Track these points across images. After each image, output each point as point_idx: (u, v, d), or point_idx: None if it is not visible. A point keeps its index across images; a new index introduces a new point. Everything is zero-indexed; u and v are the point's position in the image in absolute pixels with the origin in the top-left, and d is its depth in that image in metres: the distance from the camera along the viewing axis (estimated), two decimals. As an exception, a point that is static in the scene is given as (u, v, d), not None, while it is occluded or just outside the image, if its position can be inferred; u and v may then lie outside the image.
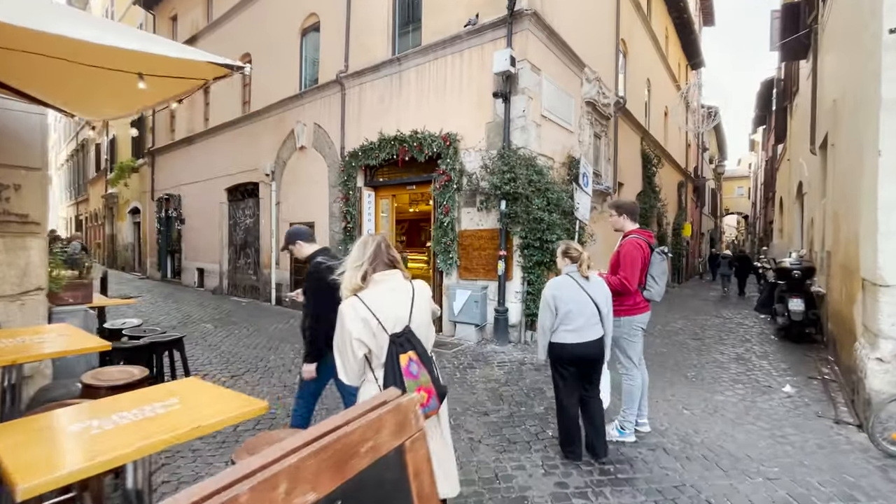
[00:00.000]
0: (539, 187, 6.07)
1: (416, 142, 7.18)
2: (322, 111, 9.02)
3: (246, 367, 5.47)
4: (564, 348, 3.02)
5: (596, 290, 3.08)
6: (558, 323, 3.02)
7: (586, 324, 3.00)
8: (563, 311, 3.01)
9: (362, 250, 1.90)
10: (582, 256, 3.11)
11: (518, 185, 5.82)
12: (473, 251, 6.71)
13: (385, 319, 1.79)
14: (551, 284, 3.15)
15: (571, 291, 3.05)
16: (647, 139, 12.43)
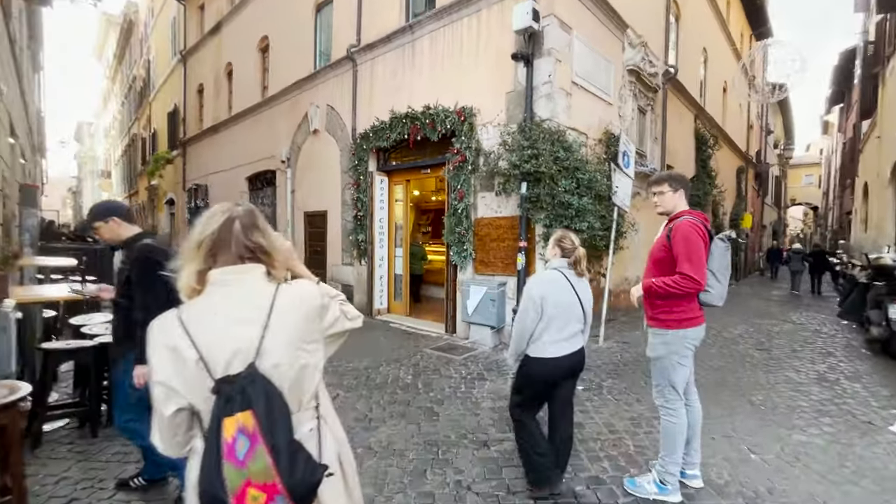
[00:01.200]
0: (566, 166, 5.10)
1: (428, 118, 6.37)
2: (334, 91, 8.39)
3: (230, 369, 4.92)
4: (550, 364, 2.46)
5: (586, 293, 2.57)
6: (541, 330, 2.45)
7: (574, 332, 2.50)
8: (550, 313, 2.43)
9: (202, 228, 1.14)
10: (577, 252, 2.56)
11: (541, 162, 4.89)
12: (491, 242, 5.84)
13: (211, 352, 1.02)
14: (539, 280, 2.56)
15: (561, 291, 2.48)
16: (701, 117, 10.94)
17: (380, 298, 7.69)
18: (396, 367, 4.96)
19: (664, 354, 2.51)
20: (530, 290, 2.50)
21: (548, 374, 2.48)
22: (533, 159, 4.91)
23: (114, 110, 38.19)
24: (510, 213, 5.63)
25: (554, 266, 2.54)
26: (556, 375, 2.49)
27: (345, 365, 5.06)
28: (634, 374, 4.81)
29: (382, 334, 6.52)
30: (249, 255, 1.13)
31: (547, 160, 4.89)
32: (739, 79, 9.62)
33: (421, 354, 5.46)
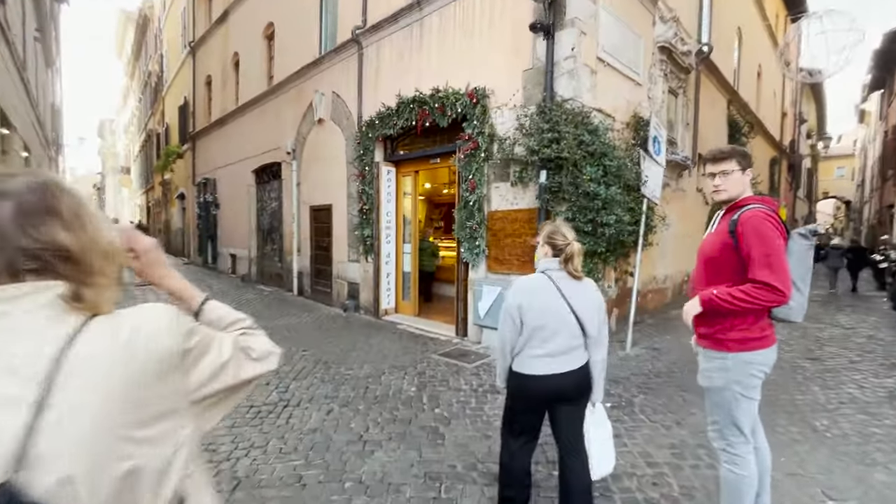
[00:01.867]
0: (591, 151, 4.51)
1: (437, 102, 5.83)
2: (339, 77, 7.91)
3: (218, 376, 4.50)
4: (530, 382, 2.05)
5: (581, 300, 2.07)
6: (523, 343, 2.06)
7: (565, 347, 2.03)
8: (531, 323, 2.03)
9: None
10: (570, 248, 2.08)
11: (563, 147, 4.31)
12: (505, 237, 5.29)
13: None
14: (518, 286, 2.14)
15: (546, 298, 2.04)
16: (735, 102, 10.12)
17: (387, 297, 7.22)
18: (400, 377, 4.47)
19: (722, 385, 1.94)
20: (507, 299, 2.12)
21: (530, 394, 2.07)
22: (554, 143, 4.33)
23: (132, 106, 38.65)
24: (527, 206, 5.07)
25: (542, 268, 2.10)
26: (542, 397, 2.06)
27: (343, 372, 4.59)
28: (669, 388, 4.22)
29: (388, 337, 6.04)
30: (33, 266, 0.62)
31: (570, 144, 4.31)
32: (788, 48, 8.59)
33: (428, 361, 4.97)
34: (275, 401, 3.91)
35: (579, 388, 2.07)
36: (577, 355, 2.05)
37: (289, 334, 6.19)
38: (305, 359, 5.09)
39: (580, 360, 2.06)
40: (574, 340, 2.03)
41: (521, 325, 2.04)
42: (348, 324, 6.84)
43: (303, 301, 8.81)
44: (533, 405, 2.08)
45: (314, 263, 8.86)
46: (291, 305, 8.35)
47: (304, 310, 7.95)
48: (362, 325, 6.78)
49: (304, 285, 9.18)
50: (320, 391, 4.12)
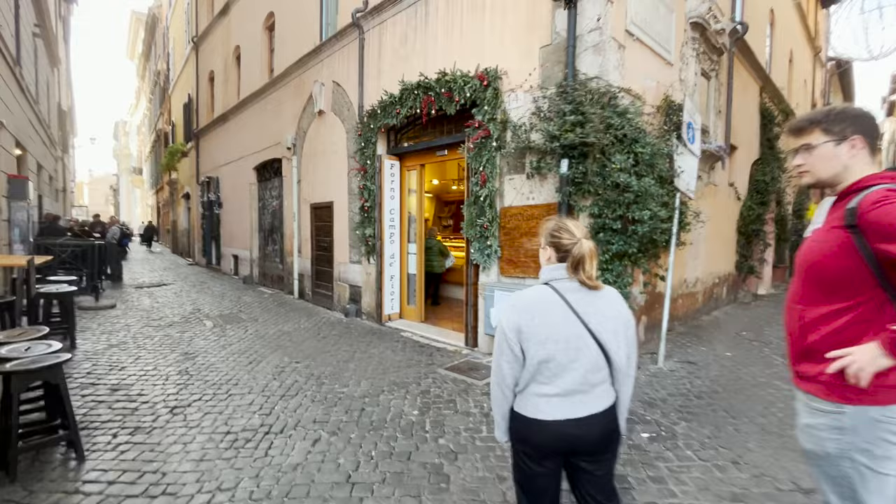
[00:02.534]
0: (620, 136, 3.89)
1: (444, 87, 5.26)
2: (340, 66, 7.38)
3: (197, 394, 4.00)
4: (536, 429, 1.53)
5: (602, 317, 1.53)
6: (528, 378, 1.54)
7: (582, 383, 1.51)
8: (536, 355, 1.50)
9: None
10: (579, 247, 1.52)
11: (588, 131, 3.70)
12: (521, 237, 4.70)
13: None
14: (516, 304, 1.58)
15: (554, 319, 1.51)
16: (767, 89, 9.36)
17: (390, 302, 6.67)
18: (401, 396, 3.92)
19: (838, 451, 1.35)
20: (501, 320, 1.58)
21: (538, 446, 1.53)
22: (578, 127, 3.72)
23: (144, 107, 38.84)
24: (545, 200, 4.47)
25: (546, 277, 1.58)
26: (553, 450, 1.53)
27: (337, 391, 4.05)
28: (715, 412, 3.60)
29: (391, 346, 5.50)
30: None
31: (596, 128, 3.70)
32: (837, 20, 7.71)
33: (433, 377, 4.40)
34: (255, 426, 3.39)
35: (605, 437, 1.54)
36: (600, 393, 1.53)
37: (283, 343, 5.68)
38: (297, 372, 4.57)
39: (604, 400, 1.53)
40: (595, 374, 1.51)
41: (522, 355, 1.51)
42: (348, 331, 6.31)
43: (303, 304, 8.32)
44: (543, 460, 1.53)
45: (315, 265, 8.36)
46: (290, 309, 7.86)
47: (304, 314, 7.45)
48: (363, 332, 6.24)
49: (304, 288, 8.69)
50: (309, 414, 3.58)
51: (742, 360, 5.04)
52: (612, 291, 1.59)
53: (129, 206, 56.72)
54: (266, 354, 5.19)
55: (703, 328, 6.39)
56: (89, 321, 6.80)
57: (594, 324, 1.48)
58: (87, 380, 4.34)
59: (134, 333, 6.10)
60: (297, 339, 5.83)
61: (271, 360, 5.00)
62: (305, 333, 6.17)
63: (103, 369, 4.64)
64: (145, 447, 3.08)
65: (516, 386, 1.57)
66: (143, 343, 5.63)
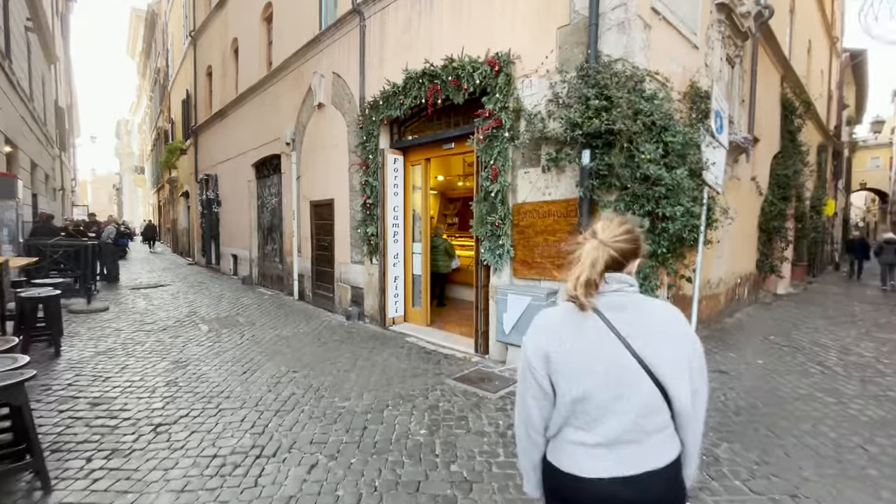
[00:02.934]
0: (649, 123, 3.50)
1: (451, 74, 4.88)
2: (340, 56, 7.01)
3: (185, 409, 3.65)
4: (572, 486, 1.15)
5: (657, 340, 1.14)
6: (562, 421, 1.18)
7: (631, 430, 1.11)
8: (569, 392, 1.15)
9: None
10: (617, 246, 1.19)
11: (615, 117, 3.31)
12: (536, 235, 4.33)
13: None
14: (543, 321, 1.25)
15: (588, 341, 1.15)
16: (788, 79, 8.92)
17: (394, 305, 6.32)
18: (407, 411, 3.56)
19: None
20: (524, 344, 1.24)
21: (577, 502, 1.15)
22: (603, 112, 3.34)
23: (144, 105, 38.59)
24: (563, 196, 4.09)
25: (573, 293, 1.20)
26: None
27: (337, 405, 3.70)
28: (758, 431, 3.22)
29: (395, 353, 5.14)
30: None
31: (624, 113, 3.31)
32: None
33: (442, 388, 4.04)
34: (246, 447, 3.04)
35: (666, 502, 1.14)
36: (658, 444, 1.13)
37: (281, 349, 5.33)
38: (295, 383, 4.22)
39: (665, 453, 1.13)
40: (650, 418, 1.11)
41: (552, 390, 1.16)
42: (350, 336, 5.96)
43: (303, 307, 7.97)
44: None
45: (315, 265, 8.01)
46: (290, 312, 7.51)
47: (303, 317, 7.10)
48: (366, 336, 5.89)
49: (304, 289, 8.35)
50: (305, 433, 3.23)
51: (776, 368, 4.66)
52: (666, 306, 1.21)
53: (131, 206, 56.63)
54: (262, 363, 4.85)
55: (727, 332, 6.00)
56: (79, 325, 6.49)
57: (645, 349, 1.10)
58: (66, 392, 4.01)
59: (124, 339, 5.77)
60: (295, 346, 5.49)
61: (267, 368, 4.65)
62: (305, 339, 5.83)
63: (86, 380, 4.31)
64: (121, 474, 2.74)
65: (547, 429, 1.20)
66: (133, 350, 5.30)
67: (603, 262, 1.15)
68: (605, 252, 1.17)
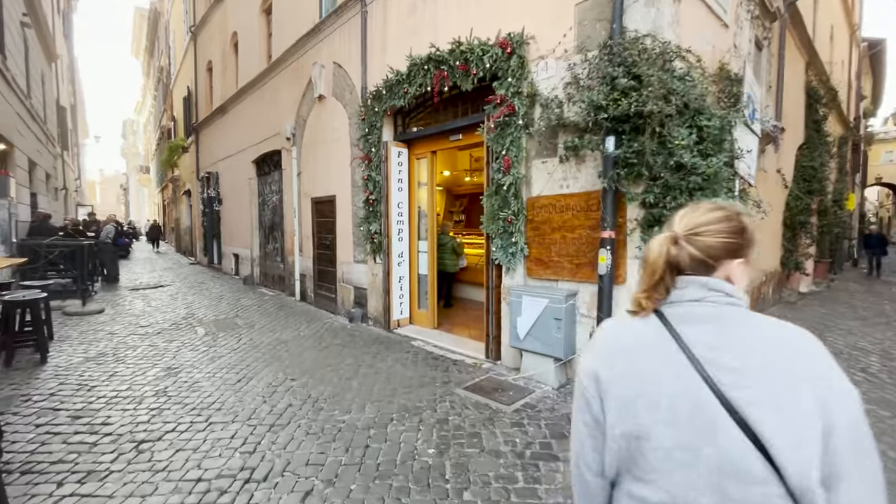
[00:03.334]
0: (682, 106, 3.13)
1: (458, 59, 4.53)
2: (341, 45, 6.67)
3: (172, 423, 3.35)
4: None
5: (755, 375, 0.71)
6: (617, 464, 0.82)
7: (707, 491, 0.70)
8: (618, 424, 0.80)
9: None
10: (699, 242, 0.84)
11: (644, 98, 2.95)
12: (552, 232, 3.97)
13: None
14: (598, 335, 0.91)
15: (645, 363, 0.81)
16: (813, 66, 8.46)
17: (399, 306, 5.99)
18: (413, 427, 3.22)
19: None
20: (578, 372, 0.94)
21: None
22: (632, 93, 2.97)
23: (149, 105, 38.52)
24: (583, 188, 3.73)
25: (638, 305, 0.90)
26: None
27: (337, 419, 3.38)
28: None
29: (400, 359, 4.81)
30: None
31: (656, 94, 2.94)
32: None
33: (451, 399, 3.70)
34: (234, 469, 2.72)
35: None
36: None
37: (279, 354, 5.02)
38: (292, 393, 3.90)
39: None
40: (740, 486, 0.72)
41: (604, 421, 0.86)
42: (352, 339, 5.64)
43: (304, 308, 7.67)
44: None
45: (317, 264, 7.70)
46: (290, 314, 7.21)
47: (304, 319, 6.79)
48: (369, 340, 5.57)
49: (306, 289, 8.05)
50: (301, 453, 2.91)
51: (815, 374, 4.27)
52: (790, 328, 0.80)
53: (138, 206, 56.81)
54: (259, 369, 4.54)
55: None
56: (72, 328, 6.22)
57: (737, 390, 0.73)
58: (47, 403, 3.72)
59: (116, 343, 5.49)
60: (294, 350, 5.18)
61: (264, 376, 4.34)
62: (305, 342, 5.51)
63: (70, 389, 4.02)
64: (94, 502, 2.43)
65: (601, 474, 0.87)
66: (124, 355, 5.01)
67: (671, 262, 0.85)
68: (678, 249, 0.85)
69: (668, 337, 0.82)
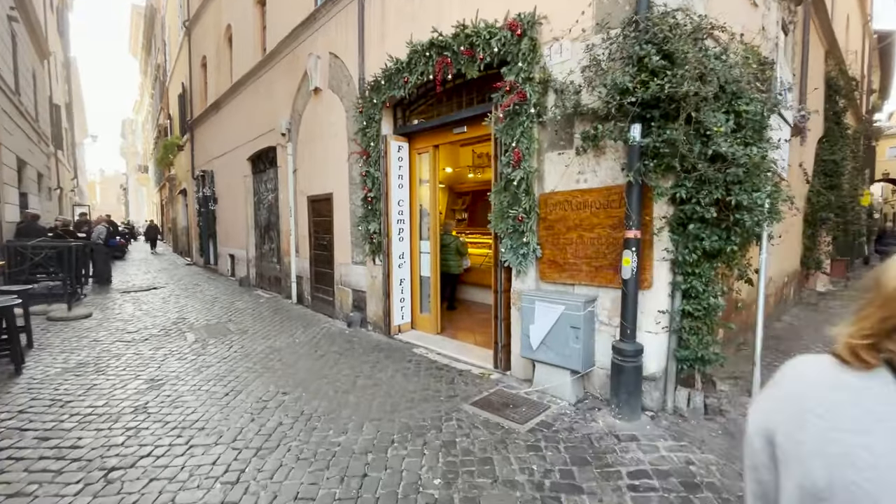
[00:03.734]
0: (717, 89, 2.76)
1: (463, 44, 4.17)
2: (337, 34, 6.31)
3: (149, 446, 3.00)
4: None
5: None
6: None
7: None
8: None
9: None
10: None
11: (681, 77, 2.58)
12: (568, 231, 3.61)
13: None
14: (779, 380, 0.71)
15: (871, 434, 0.57)
16: (832, 55, 8.07)
17: (400, 310, 5.64)
18: (416, 451, 2.87)
19: None
20: (749, 415, 0.74)
21: None
22: (664, 73, 2.61)
23: (147, 104, 38.17)
24: (603, 182, 3.37)
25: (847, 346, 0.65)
26: None
27: (331, 440, 3.03)
28: None
29: (402, 369, 4.46)
30: None
31: (692, 74, 2.58)
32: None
33: (459, 417, 3.35)
34: (212, 505, 2.38)
35: None
36: None
37: (272, 364, 4.68)
38: (284, 409, 3.56)
39: None
40: None
41: (775, 497, 0.67)
42: (351, 346, 5.30)
43: (301, 311, 7.32)
44: None
45: (314, 266, 7.35)
46: (286, 318, 6.87)
47: (301, 324, 6.45)
48: (369, 347, 5.22)
49: (303, 291, 7.70)
50: (290, 483, 2.56)
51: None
52: None
53: (137, 205, 56.51)
54: (249, 381, 4.20)
55: (783, 340, 5.25)
56: (54, 335, 5.89)
57: None
58: (15, 422, 3.38)
59: (100, 351, 5.16)
60: (288, 360, 4.83)
61: (254, 389, 4.00)
62: (300, 350, 5.17)
63: (43, 405, 3.69)
64: (47, 548, 2.09)
65: None
66: (107, 365, 4.68)
67: None
68: None
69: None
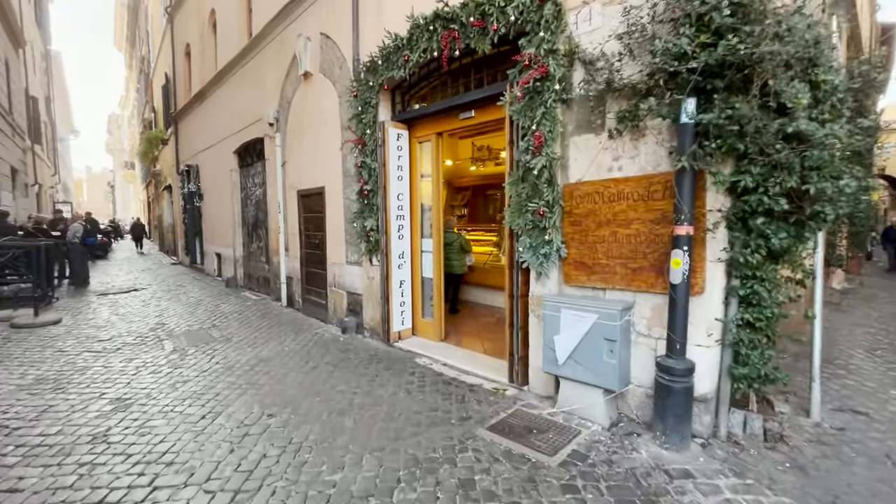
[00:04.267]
0: (791, 58, 2.27)
1: (472, 14, 3.65)
2: (329, 12, 5.75)
3: (103, 488, 2.47)
4: None
5: None
6: None
7: None
8: None
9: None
10: None
11: (756, 37, 2.09)
12: (599, 227, 3.12)
13: None
14: None
15: None
16: (853, 38, 7.65)
17: (400, 315, 5.13)
18: (428, 495, 2.37)
19: None
20: None
21: None
22: (730, 34, 2.12)
23: (133, 98, 37.11)
24: (643, 170, 2.88)
25: None
26: None
27: (324, 479, 2.52)
28: None
29: (404, 384, 3.95)
30: None
31: (768, 33, 2.09)
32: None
33: (475, 447, 2.85)
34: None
35: None
36: None
37: (257, 379, 4.15)
38: (269, 437, 3.04)
39: None
40: None
41: None
42: (346, 356, 4.78)
43: (291, 315, 6.78)
44: None
45: (305, 266, 6.81)
46: (275, 323, 6.32)
47: (291, 330, 5.91)
48: (366, 357, 4.71)
49: (293, 293, 7.16)
50: (272, 543, 2.05)
51: (917, 400, 3.49)
52: None
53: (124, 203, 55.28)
54: (230, 400, 3.67)
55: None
56: (15, 345, 5.30)
57: None
58: (-54, 458, 2.83)
59: (63, 364, 4.59)
60: (276, 373, 4.30)
61: (235, 410, 3.47)
62: (290, 361, 4.64)
63: (-16, 434, 3.13)
64: None
65: None
66: (69, 381, 4.12)
67: None
68: None
69: None
